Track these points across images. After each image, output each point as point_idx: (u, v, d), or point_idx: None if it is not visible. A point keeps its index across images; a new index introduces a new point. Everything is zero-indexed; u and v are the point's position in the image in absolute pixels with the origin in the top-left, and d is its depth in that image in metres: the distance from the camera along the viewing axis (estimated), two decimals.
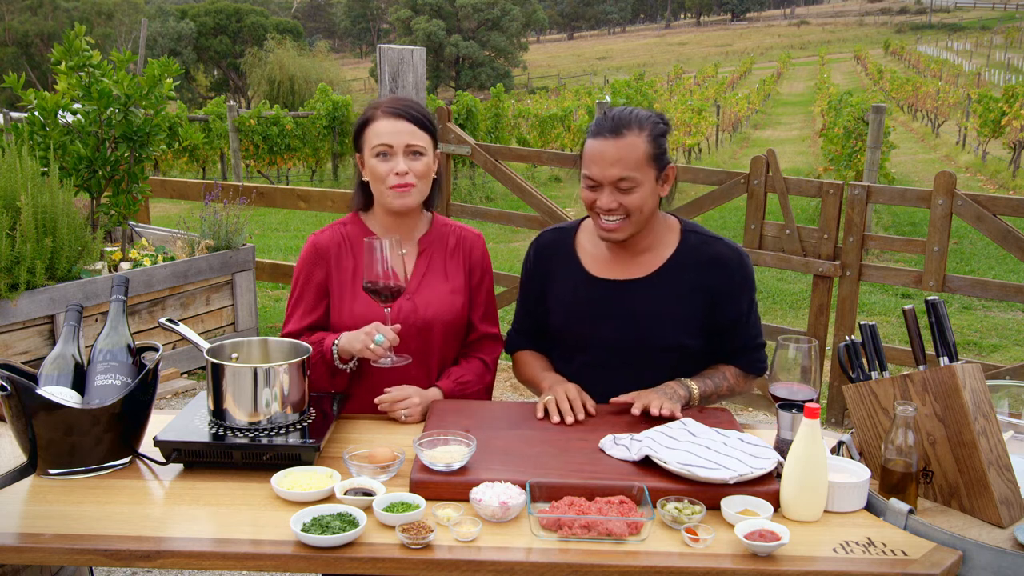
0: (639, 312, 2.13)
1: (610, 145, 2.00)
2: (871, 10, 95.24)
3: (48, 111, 4.80)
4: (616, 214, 2.04)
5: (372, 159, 2.16)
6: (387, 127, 2.15)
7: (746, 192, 4.67)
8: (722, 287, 2.14)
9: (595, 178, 2.03)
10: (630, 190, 2.02)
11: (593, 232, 2.22)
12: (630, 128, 2.01)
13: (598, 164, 2.02)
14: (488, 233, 11.16)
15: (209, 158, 16.63)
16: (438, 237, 2.30)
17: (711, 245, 2.16)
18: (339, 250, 2.24)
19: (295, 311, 2.25)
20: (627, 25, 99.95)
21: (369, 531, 1.59)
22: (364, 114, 2.22)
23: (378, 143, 2.15)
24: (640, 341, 2.13)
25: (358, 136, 2.22)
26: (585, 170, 2.06)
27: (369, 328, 2.06)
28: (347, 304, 2.21)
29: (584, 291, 2.17)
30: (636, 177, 2.01)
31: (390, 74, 5.26)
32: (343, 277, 2.23)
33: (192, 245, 5.39)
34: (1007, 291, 4.16)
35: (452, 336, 2.28)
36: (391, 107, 2.18)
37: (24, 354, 4.38)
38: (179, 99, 5.80)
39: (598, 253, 2.20)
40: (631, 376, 2.12)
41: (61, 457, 1.78)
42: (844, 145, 11.02)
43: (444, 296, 2.25)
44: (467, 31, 50.51)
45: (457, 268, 2.29)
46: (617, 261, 2.18)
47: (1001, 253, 8.96)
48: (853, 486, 1.70)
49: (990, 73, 32.92)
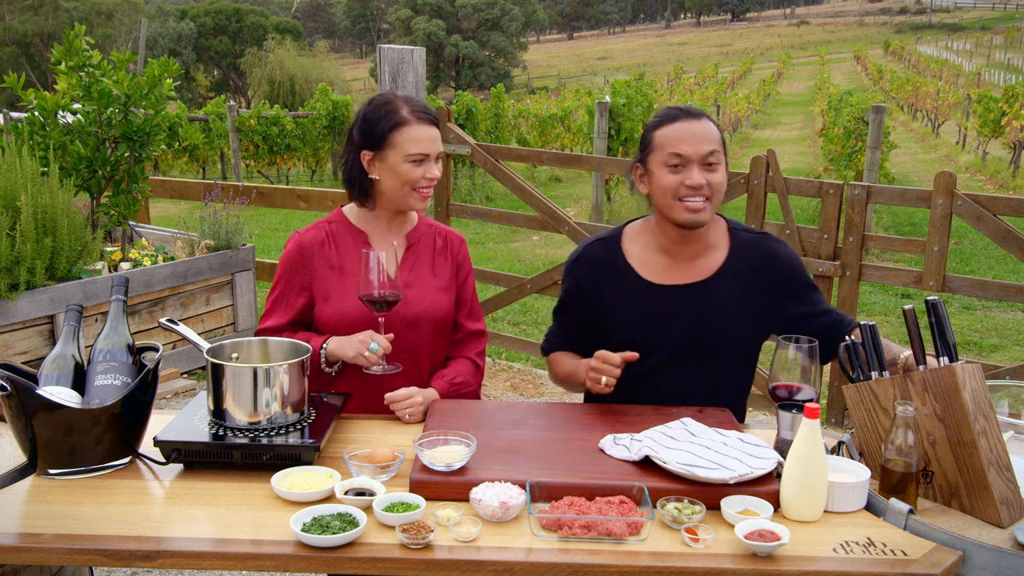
0: (707, 313, 2.14)
1: (696, 124, 2.07)
2: (871, 10, 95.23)
3: (48, 111, 4.80)
4: (702, 193, 2.06)
5: (405, 164, 2.14)
6: (422, 134, 2.15)
7: (746, 192, 4.67)
8: (786, 281, 2.18)
9: (686, 154, 2.05)
10: (715, 167, 2.07)
11: (641, 236, 2.22)
12: (705, 115, 2.11)
13: (688, 141, 2.05)
14: (488, 233, 11.15)
15: (209, 158, 16.63)
16: (426, 235, 2.32)
17: (763, 242, 2.21)
18: (323, 248, 2.24)
19: (276, 307, 2.25)
20: (627, 25, 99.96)
21: (369, 531, 1.59)
22: (385, 115, 2.16)
23: (416, 151, 2.14)
24: (712, 340, 2.14)
25: (382, 138, 2.16)
26: (671, 150, 2.06)
27: (363, 336, 2.08)
28: (332, 303, 2.20)
29: (644, 298, 2.16)
30: (720, 154, 2.08)
31: (390, 74, 5.26)
32: (328, 275, 2.22)
33: (192, 245, 5.39)
34: (1007, 291, 4.16)
35: (440, 332, 2.28)
36: (419, 111, 2.17)
37: (24, 354, 4.38)
38: (179, 99, 5.80)
39: (652, 259, 2.19)
40: (699, 373, 2.15)
41: (61, 457, 1.77)
42: (844, 145, 11.02)
43: (432, 292, 2.25)
44: (467, 31, 50.50)
45: (445, 266, 2.31)
46: (674, 264, 2.18)
47: (1001, 253, 8.96)
48: (853, 486, 1.70)
49: (990, 73, 32.92)
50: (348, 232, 2.26)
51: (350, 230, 2.27)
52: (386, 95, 2.23)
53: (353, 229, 2.27)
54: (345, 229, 2.27)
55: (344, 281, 2.21)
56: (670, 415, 2.03)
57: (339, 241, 2.25)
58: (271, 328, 2.22)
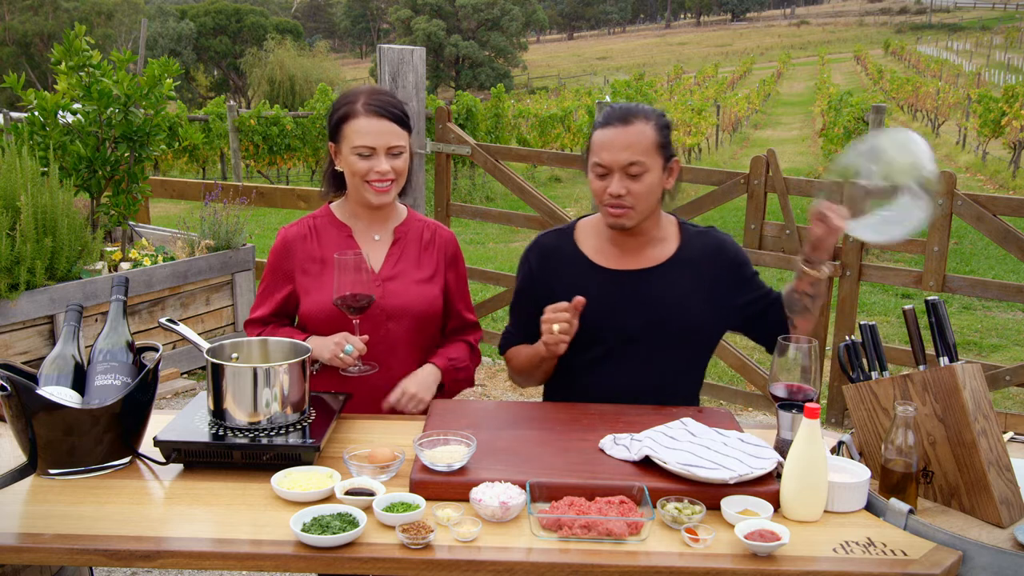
0: (657, 299, 2.15)
1: (620, 132, 2.06)
2: (871, 10, 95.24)
3: (48, 111, 4.80)
4: (624, 202, 2.07)
5: (351, 156, 2.15)
6: (369, 127, 2.14)
7: (746, 192, 4.67)
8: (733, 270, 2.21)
9: (605, 164, 2.06)
10: (639, 176, 2.06)
11: (593, 228, 2.25)
12: (637, 117, 2.08)
13: (608, 150, 2.06)
14: (488, 233, 11.16)
15: (209, 158, 16.63)
16: (413, 228, 2.33)
17: (709, 234, 2.25)
18: (305, 243, 2.26)
19: (263, 299, 2.29)
20: (627, 25, 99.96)
21: (369, 531, 1.59)
22: (342, 106, 2.19)
23: (360, 144, 2.13)
24: (660, 327, 2.14)
25: (336, 129, 2.19)
26: (595, 158, 2.09)
27: (338, 338, 2.10)
28: (314, 295, 2.22)
29: (596, 283, 2.18)
30: (645, 163, 2.06)
31: (390, 74, 5.26)
32: (311, 269, 2.24)
33: (192, 245, 5.39)
34: (1007, 291, 4.16)
35: (421, 326, 2.27)
36: (373, 104, 2.15)
37: (24, 354, 4.38)
38: (179, 99, 5.80)
39: (603, 247, 2.22)
40: (646, 364, 2.15)
41: (61, 457, 1.77)
42: (844, 145, 11.01)
43: (414, 285, 2.25)
44: (467, 31, 50.50)
45: (431, 260, 2.31)
46: (624, 253, 2.20)
47: (1001, 253, 8.96)
48: (853, 486, 1.70)
49: (990, 73, 32.92)
50: (332, 226, 2.28)
51: (334, 224, 2.28)
52: (356, 87, 2.24)
53: (337, 223, 2.28)
54: (329, 223, 2.28)
55: (324, 275, 2.22)
56: (670, 415, 2.03)
57: (322, 235, 2.26)
58: (256, 320, 2.28)
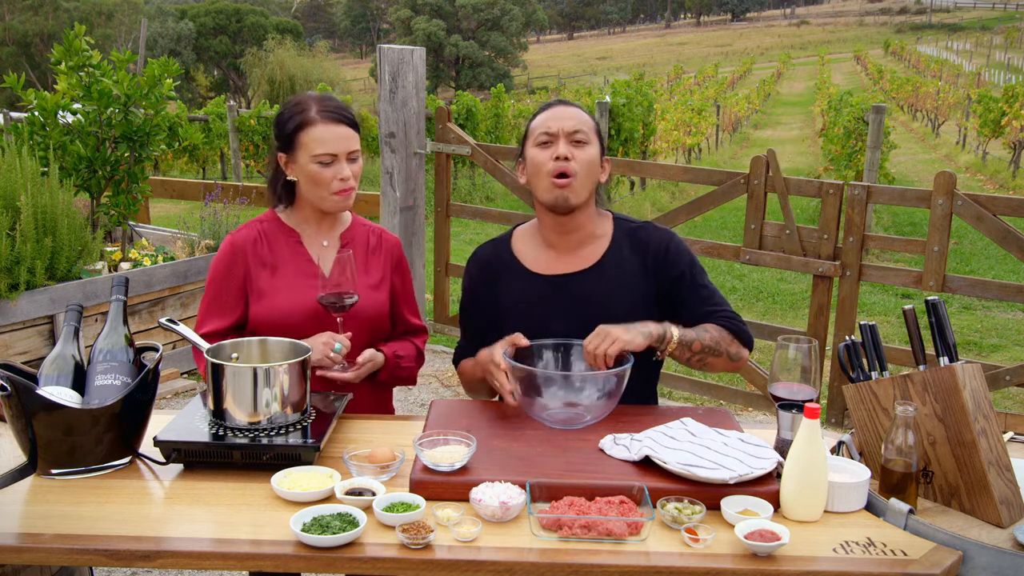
0: (590, 301, 2.15)
1: (564, 108, 2.16)
2: (871, 10, 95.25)
3: (48, 111, 4.80)
4: (569, 168, 2.08)
5: (312, 165, 2.13)
6: (328, 133, 2.12)
7: (746, 192, 4.67)
8: (659, 263, 2.18)
9: (552, 131, 2.11)
10: (583, 145, 2.11)
11: (529, 236, 2.27)
12: (577, 105, 2.19)
13: (554, 119, 2.13)
14: (488, 233, 11.14)
15: (209, 158, 16.63)
16: (359, 234, 2.32)
17: (642, 229, 2.24)
18: (256, 247, 2.23)
19: (211, 311, 2.22)
20: (627, 25, 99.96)
21: (369, 531, 1.59)
22: (293, 115, 2.16)
23: (322, 151, 2.12)
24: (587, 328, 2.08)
25: (290, 138, 2.15)
26: (540, 130, 2.13)
27: (325, 338, 2.09)
28: (267, 300, 2.19)
29: (533, 290, 2.19)
30: (588, 134, 2.13)
31: (390, 74, 5.26)
32: (262, 274, 2.22)
33: (192, 245, 5.39)
34: (1007, 291, 4.16)
35: (372, 328, 2.27)
36: (329, 111, 2.14)
37: (24, 354, 4.38)
38: (179, 99, 5.80)
39: (538, 254, 2.23)
40: None
41: (61, 457, 1.77)
42: (844, 145, 11.02)
43: (364, 290, 2.24)
44: (467, 31, 50.50)
45: (378, 265, 2.31)
46: (559, 256, 2.21)
47: (1001, 253, 8.96)
48: (853, 486, 1.70)
49: (990, 73, 32.93)
50: (280, 231, 2.26)
51: (282, 229, 2.27)
52: (300, 95, 2.21)
53: (285, 228, 2.27)
54: (277, 228, 2.27)
55: (277, 279, 2.21)
56: (670, 415, 2.03)
57: (271, 239, 2.25)
58: (213, 333, 2.19)
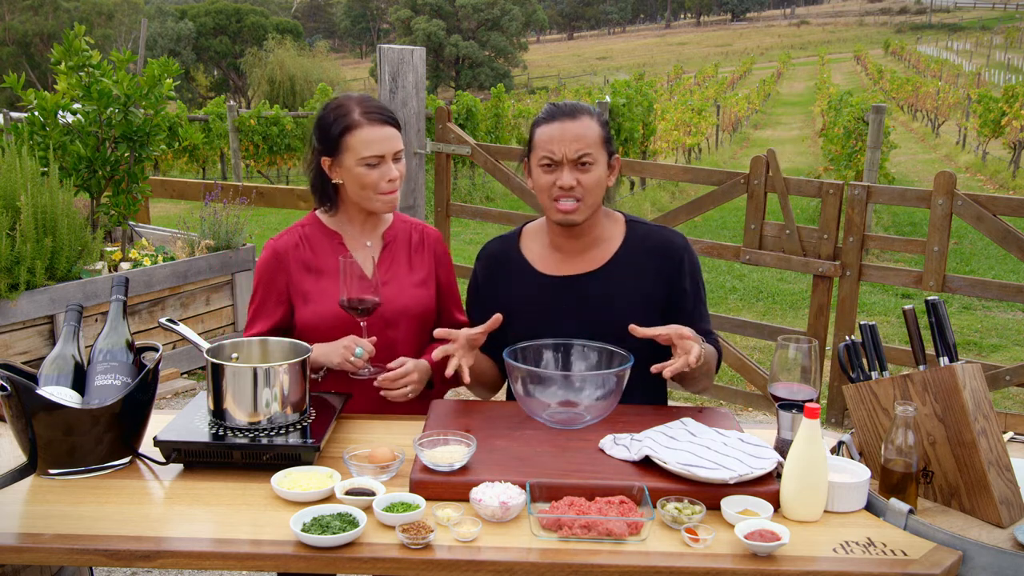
0: (596, 303, 2.14)
1: (568, 125, 2.07)
2: (871, 10, 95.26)
3: (48, 111, 4.80)
4: (574, 194, 2.06)
5: (359, 168, 2.13)
6: (374, 135, 2.13)
7: (746, 192, 4.67)
8: (671, 269, 2.16)
9: (555, 156, 2.06)
10: (588, 168, 2.07)
11: (538, 235, 2.25)
12: (583, 112, 2.10)
13: (558, 142, 2.06)
14: (488, 233, 11.14)
15: (209, 158, 16.62)
16: (401, 231, 2.32)
17: (658, 232, 2.21)
18: (297, 252, 2.23)
19: (258, 316, 2.24)
20: (627, 25, 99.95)
21: (369, 531, 1.59)
22: (337, 118, 2.15)
23: (370, 154, 2.12)
24: (592, 330, 2.11)
25: (336, 142, 2.15)
26: (542, 152, 2.08)
27: (347, 342, 2.08)
28: (311, 304, 2.20)
29: (539, 291, 2.18)
30: (594, 155, 2.07)
31: (390, 74, 5.26)
32: (305, 278, 2.22)
33: (192, 245, 5.39)
34: (1007, 291, 4.16)
35: (419, 328, 2.27)
36: (374, 113, 2.15)
37: (24, 354, 4.38)
38: (179, 99, 5.80)
39: (546, 254, 2.22)
40: None
41: (61, 457, 1.77)
42: (844, 145, 11.02)
43: (410, 288, 2.25)
44: (467, 31, 50.49)
45: (422, 261, 2.31)
46: (567, 258, 2.19)
47: (1001, 253, 8.96)
48: (853, 486, 1.70)
49: (990, 73, 32.93)
50: (322, 235, 2.26)
51: (324, 232, 2.26)
52: (340, 98, 2.21)
53: (327, 231, 2.27)
54: (319, 232, 2.27)
55: (322, 282, 2.21)
56: (670, 415, 2.03)
57: (314, 244, 2.25)
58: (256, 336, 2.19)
